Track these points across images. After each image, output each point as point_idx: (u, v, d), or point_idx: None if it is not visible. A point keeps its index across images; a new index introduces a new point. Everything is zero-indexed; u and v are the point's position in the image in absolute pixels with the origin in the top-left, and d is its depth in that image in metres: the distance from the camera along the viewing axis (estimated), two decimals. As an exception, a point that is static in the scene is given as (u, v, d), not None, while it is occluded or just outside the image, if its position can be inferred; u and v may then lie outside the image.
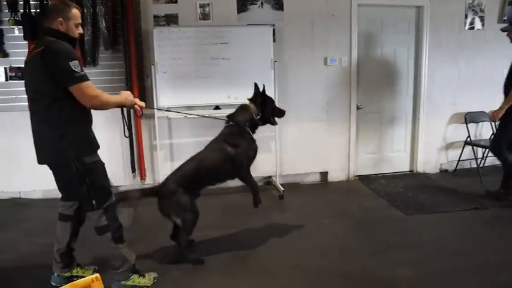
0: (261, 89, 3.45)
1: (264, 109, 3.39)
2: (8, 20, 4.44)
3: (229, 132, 3.31)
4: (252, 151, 3.34)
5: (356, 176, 5.38)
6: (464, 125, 5.35)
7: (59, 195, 2.79)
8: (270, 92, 4.55)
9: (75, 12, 2.55)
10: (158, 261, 3.18)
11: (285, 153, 5.08)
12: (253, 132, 3.37)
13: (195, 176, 3.14)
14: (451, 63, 5.35)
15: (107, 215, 2.64)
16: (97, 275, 2.21)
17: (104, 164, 2.66)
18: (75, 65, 2.39)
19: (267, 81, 4.54)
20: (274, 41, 4.71)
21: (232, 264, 3.17)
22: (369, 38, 5.20)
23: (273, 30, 4.70)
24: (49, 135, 2.51)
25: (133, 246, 3.22)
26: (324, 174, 5.31)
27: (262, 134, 4.93)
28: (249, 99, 3.43)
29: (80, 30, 2.62)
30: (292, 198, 4.67)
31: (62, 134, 2.49)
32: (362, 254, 3.30)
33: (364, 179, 5.33)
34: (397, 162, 5.58)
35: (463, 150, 5.42)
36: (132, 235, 3.48)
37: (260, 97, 3.41)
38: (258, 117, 3.36)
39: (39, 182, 4.26)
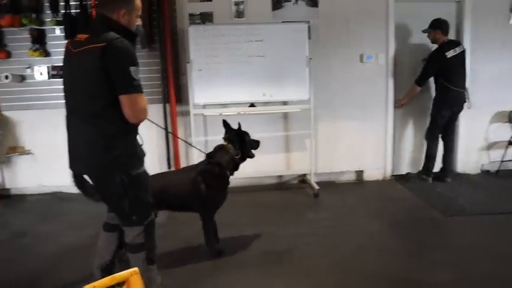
0: (235, 127, 3.30)
1: (243, 147, 3.24)
2: (50, 21, 4.59)
3: (209, 169, 3.10)
4: (223, 198, 3.16)
5: (393, 175, 5.25)
6: (508, 123, 5.14)
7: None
8: (304, 90, 4.59)
9: (139, 2, 2.32)
10: (192, 258, 3.20)
11: (320, 151, 5.01)
12: (232, 173, 3.20)
13: (156, 194, 2.68)
14: (493, 60, 5.12)
15: (146, 233, 2.41)
16: (135, 269, 2.24)
17: (148, 174, 2.45)
18: (135, 71, 2.16)
19: (302, 79, 4.57)
20: (309, 38, 4.66)
21: (267, 262, 3.15)
22: (406, 34, 5.07)
23: (308, 27, 4.65)
24: (95, 144, 2.24)
25: (167, 241, 3.28)
26: (360, 173, 5.22)
27: (297, 132, 4.94)
28: (224, 139, 3.28)
29: (139, 21, 2.39)
30: (327, 196, 4.61)
31: (111, 145, 2.24)
32: (400, 255, 3.20)
33: (401, 178, 5.19)
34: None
35: (506, 150, 5.20)
36: (165, 230, 3.55)
37: (237, 136, 3.25)
38: (238, 156, 3.20)
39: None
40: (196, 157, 4.73)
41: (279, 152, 4.99)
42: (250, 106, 4.61)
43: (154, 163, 4.82)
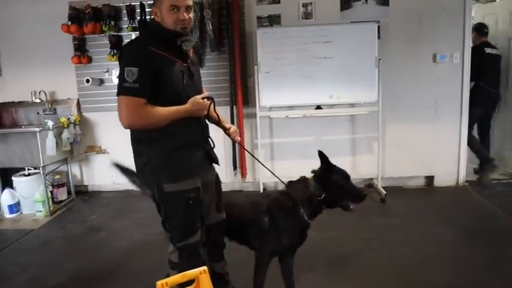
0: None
1: (328, 189, 2.36)
2: (127, 27, 4.85)
3: (279, 200, 2.45)
4: (287, 240, 2.43)
5: (466, 181, 4.97)
6: None
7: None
8: (372, 92, 4.46)
9: None
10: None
11: (387, 155, 4.87)
12: (312, 216, 2.41)
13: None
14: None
15: (180, 255, 2.23)
16: (205, 267, 2.32)
17: (193, 198, 2.15)
18: (131, 72, 1.95)
19: (371, 80, 4.45)
20: (378, 38, 4.54)
21: (331, 266, 3.13)
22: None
23: (378, 26, 4.53)
24: (132, 148, 2.22)
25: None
26: (430, 179, 4.99)
27: (364, 135, 4.83)
28: (312, 172, 2.47)
29: (183, 15, 2.03)
30: (395, 202, 4.47)
31: (138, 151, 2.19)
32: (473, 266, 3.03)
33: (476, 185, 4.90)
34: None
35: None
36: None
37: (323, 171, 2.40)
38: (320, 198, 2.36)
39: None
40: (264, 160, 4.81)
41: (345, 155, 4.91)
42: (316, 108, 4.58)
43: (220, 164, 4.92)
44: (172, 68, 2.07)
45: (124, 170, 2.57)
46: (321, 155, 2.40)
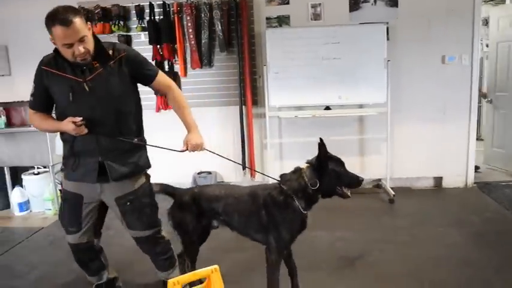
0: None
1: (321, 177, 2.32)
2: (136, 27, 4.88)
3: (273, 195, 2.39)
4: (287, 233, 2.41)
5: (475, 183, 4.96)
6: None
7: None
8: (381, 93, 4.46)
9: (56, 32, 2.10)
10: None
11: (396, 156, 4.85)
12: (308, 207, 2.39)
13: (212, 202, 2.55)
14: None
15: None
16: (216, 266, 2.33)
17: (66, 199, 2.47)
18: (32, 87, 2.34)
19: (380, 81, 4.46)
20: (387, 39, 4.54)
21: (340, 266, 3.12)
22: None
23: (387, 28, 4.53)
24: None
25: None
26: (438, 180, 4.98)
27: (372, 136, 4.83)
28: (307, 162, 2.44)
29: (77, 50, 2.11)
30: (403, 202, 4.46)
31: None
32: (483, 269, 3.01)
33: (484, 186, 4.89)
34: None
35: None
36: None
37: (318, 161, 2.35)
38: (315, 187, 2.31)
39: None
40: (273, 159, 4.84)
41: (353, 156, 4.91)
42: (325, 109, 4.59)
43: (230, 164, 4.93)
44: (59, 85, 2.25)
45: None
46: (321, 144, 2.37)
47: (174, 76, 4.85)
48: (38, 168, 4.76)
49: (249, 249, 3.36)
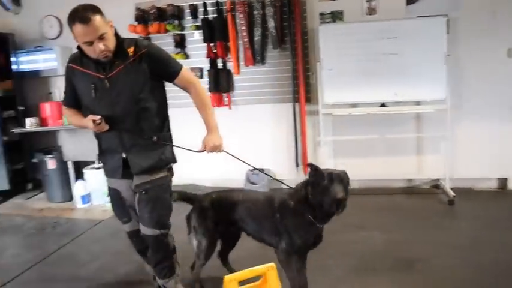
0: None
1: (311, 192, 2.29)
2: (190, 26, 4.97)
3: (287, 205, 2.42)
4: (300, 240, 2.38)
5: (545, 184, 4.64)
6: None
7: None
8: (440, 89, 4.28)
9: (76, 30, 2.13)
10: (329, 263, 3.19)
11: (456, 155, 4.61)
12: (320, 220, 2.35)
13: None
14: None
15: None
16: (272, 264, 2.33)
17: (110, 194, 2.59)
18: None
19: (438, 77, 4.28)
20: (447, 32, 4.33)
21: (397, 269, 3.02)
22: None
23: (447, 21, 4.32)
24: None
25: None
26: (503, 181, 4.68)
27: (431, 134, 4.64)
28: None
29: (98, 47, 2.15)
30: (464, 204, 4.24)
31: None
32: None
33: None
34: None
35: None
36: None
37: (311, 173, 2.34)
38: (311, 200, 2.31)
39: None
40: (326, 157, 4.77)
41: (410, 155, 4.75)
42: (381, 106, 4.47)
43: (283, 161, 4.98)
44: (83, 82, 2.32)
45: None
46: (311, 166, 2.36)
47: (227, 74, 4.91)
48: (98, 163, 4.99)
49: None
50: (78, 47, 2.25)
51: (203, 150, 2.44)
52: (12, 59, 5.44)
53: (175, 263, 2.57)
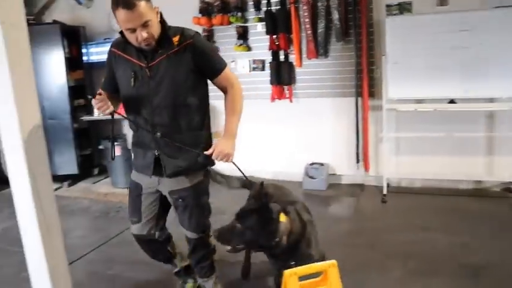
0: None
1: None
2: (253, 18, 4.97)
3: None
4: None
5: None
6: None
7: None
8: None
9: (119, 15, 2.01)
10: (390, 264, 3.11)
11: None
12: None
13: None
14: None
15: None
16: (334, 261, 2.28)
17: (131, 188, 2.45)
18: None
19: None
20: (528, 24, 4.02)
21: (461, 275, 2.87)
22: None
23: (528, 12, 4.02)
24: None
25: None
26: None
27: (505, 134, 4.34)
28: None
29: (140, 35, 2.03)
30: (541, 211, 3.96)
31: None
32: None
33: None
34: None
35: None
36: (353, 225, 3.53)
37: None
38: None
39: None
40: (388, 154, 4.62)
41: (479, 155, 4.48)
42: (449, 102, 4.24)
43: (343, 156, 4.89)
44: (123, 68, 2.22)
45: None
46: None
47: (289, 66, 4.87)
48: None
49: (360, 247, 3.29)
50: (121, 32, 2.13)
51: (210, 154, 2.21)
52: (83, 50, 5.70)
53: (214, 263, 2.57)
